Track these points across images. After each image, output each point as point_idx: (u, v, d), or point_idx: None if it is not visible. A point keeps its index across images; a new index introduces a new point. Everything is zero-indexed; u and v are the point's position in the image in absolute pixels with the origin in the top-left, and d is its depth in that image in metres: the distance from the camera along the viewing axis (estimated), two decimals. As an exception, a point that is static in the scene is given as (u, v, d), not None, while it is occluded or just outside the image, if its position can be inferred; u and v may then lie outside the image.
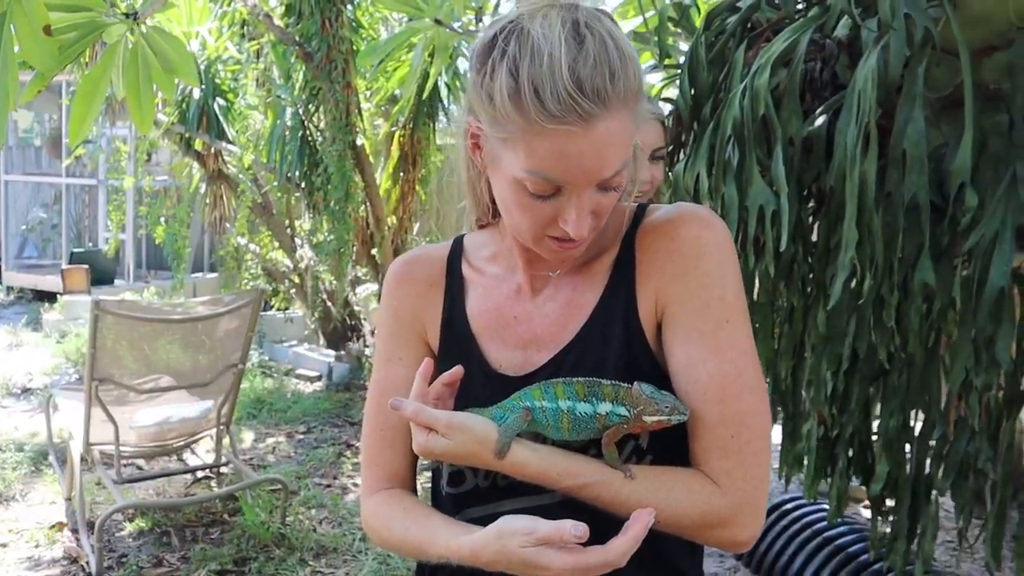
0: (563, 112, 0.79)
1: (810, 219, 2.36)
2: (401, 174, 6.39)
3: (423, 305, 1.04)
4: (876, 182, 1.92)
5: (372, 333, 6.85)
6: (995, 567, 2.05)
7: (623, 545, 0.80)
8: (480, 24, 4.19)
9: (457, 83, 6.08)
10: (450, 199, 8.35)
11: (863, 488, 2.38)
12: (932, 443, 2.09)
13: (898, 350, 1.99)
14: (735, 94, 2.15)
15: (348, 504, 3.83)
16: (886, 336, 1.99)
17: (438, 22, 3.83)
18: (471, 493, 0.97)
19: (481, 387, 0.96)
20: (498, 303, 1.01)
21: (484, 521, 0.88)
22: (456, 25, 3.93)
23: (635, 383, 0.87)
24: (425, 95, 5.54)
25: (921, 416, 2.15)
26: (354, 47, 5.32)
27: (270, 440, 4.79)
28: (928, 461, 2.13)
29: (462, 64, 6.03)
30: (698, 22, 2.70)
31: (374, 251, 6.28)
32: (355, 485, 4.13)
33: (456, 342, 1.01)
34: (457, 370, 0.93)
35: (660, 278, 0.94)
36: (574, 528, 0.78)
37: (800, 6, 2.38)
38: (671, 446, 0.92)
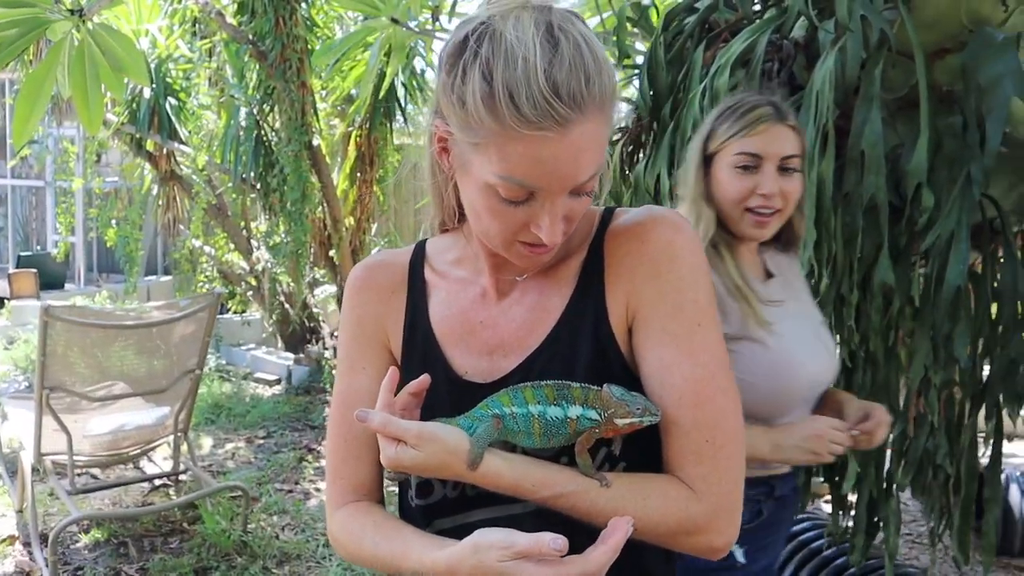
0: (539, 117, 0.77)
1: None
2: (358, 174, 6.32)
3: (385, 312, 1.02)
4: (834, 182, 1.94)
5: (332, 335, 6.77)
6: (963, 561, 2.08)
7: (602, 555, 0.79)
8: (437, 23, 4.14)
9: (414, 83, 6.04)
10: (408, 199, 8.30)
11: (824, 484, 2.41)
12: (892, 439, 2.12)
13: (859, 348, 2.02)
14: (695, 95, 2.16)
15: (311, 510, 3.78)
16: (848, 335, 2.01)
17: (395, 21, 3.78)
18: (440, 504, 0.94)
19: (446, 395, 0.94)
20: (463, 308, 0.99)
21: (455, 532, 0.87)
22: (413, 24, 3.89)
23: (605, 385, 0.86)
24: (382, 95, 5.49)
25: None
26: (309, 46, 5.24)
27: (229, 446, 4.71)
28: (888, 457, 2.16)
29: (419, 63, 5.99)
30: (656, 22, 2.70)
31: (332, 252, 6.20)
32: (317, 490, 4.07)
33: (419, 349, 0.99)
34: (424, 379, 0.90)
35: (631, 281, 0.93)
36: (553, 541, 0.77)
37: (757, 7, 2.40)
38: (644, 452, 0.91)
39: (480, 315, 0.98)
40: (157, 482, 3.92)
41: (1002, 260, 2.06)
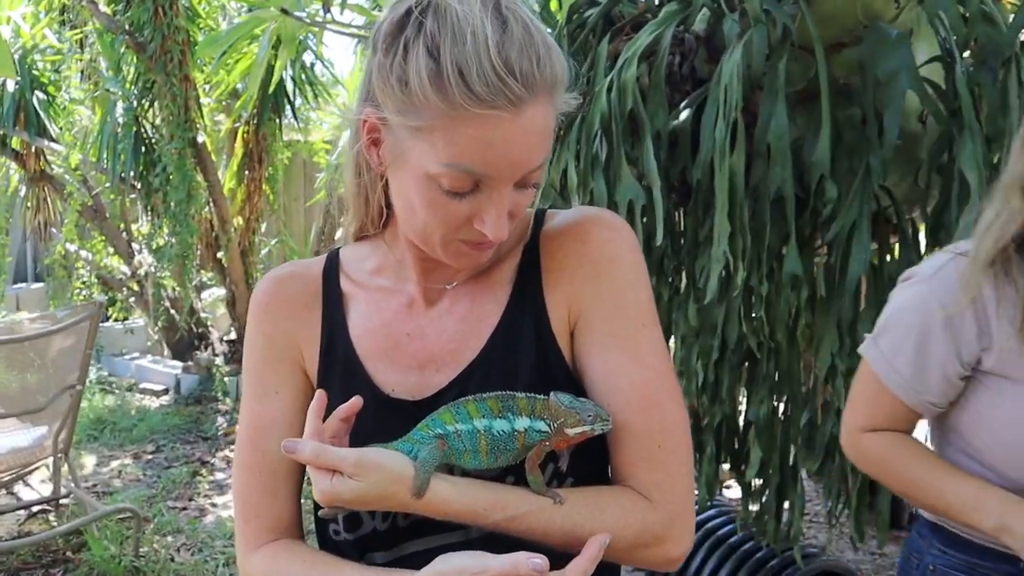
0: (491, 95, 0.72)
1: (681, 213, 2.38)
2: (246, 172, 6.07)
3: (298, 328, 0.93)
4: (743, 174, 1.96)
5: (221, 340, 6.49)
6: (859, 539, 2.15)
7: (581, 567, 0.75)
8: (328, 15, 4.00)
9: (303, 76, 5.84)
10: (298, 196, 8.05)
11: (729, 471, 2.45)
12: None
13: (767, 339, 2.04)
14: (602, 88, 2.14)
15: (207, 527, 3.59)
16: (756, 326, 2.03)
17: (284, 11, 3.63)
18: (371, 537, 0.87)
19: (372, 416, 0.86)
20: (386, 320, 0.91)
21: (392, 567, 0.80)
22: (302, 15, 3.74)
23: (552, 393, 0.81)
24: (271, 89, 5.27)
25: (785, 400, 2.23)
26: (191, 37, 4.98)
27: (115, 463, 4.43)
28: (794, 444, 2.21)
29: (308, 57, 5.80)
30: (560, 15, 2.67)
31: (220, 254, 5.95)
32: (213, 506, 3.88)
33: (338, 367, 0.91)
34: (355, 402, 0.82)
35: (571, 283, 0.88)
36: (530, 560, 0.72)
37: (658, 1, 2.40)
38: (591, 465, 0.87)
39: (406, 326, 0.91)
40: (36, 508, 3.64)
41: (898, 248, 2.12)
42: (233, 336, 6.51)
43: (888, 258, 2.14)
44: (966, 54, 2.06)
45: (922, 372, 1.15)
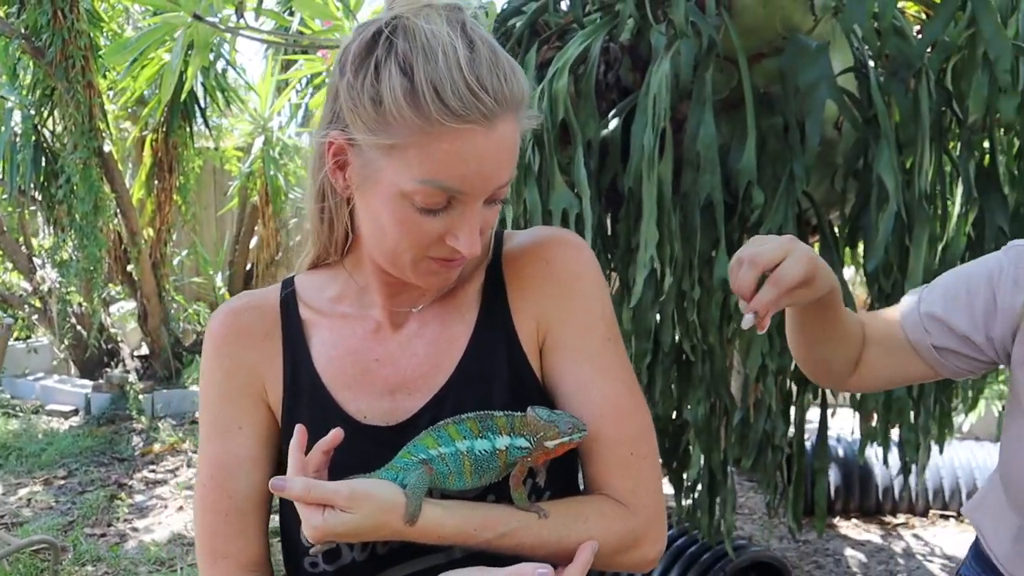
0: (465, 110, 0.73)
1: (608, 220, 2.42)
2: (156, 182, 5.88)
3: (259, 360, 0.91)
4: (671, 182, 2.01)
5: (132, 356, 6.25)
6: (797, 528, 2.23)
7: (575, 574, 0.78)
8: (241, 20, 3.90)
9: (214, 83, 5.68)
10: (208, 205, 7.82)
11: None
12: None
13: (700, 342, 2.10)
14: (532, 97, 2.16)
15: (130, 553, 3.45)
16: (689, 329, 2.08)
17: (197, 17, 3.52)
18: (349, 568, 0.85)
19: (346, 444, 0.84)
20: (352, 346, 0.90)
21: None
22: (215, 19, 3.64)
23: (529, 408, 0.82)
24: (183, 96, 5.11)
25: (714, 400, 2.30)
26: (93, 42, 4.78)
27: (23, 491, 4.20)
28: (727, 442, 2.28)
29: (219, 63, 5.64)
30: (487, 26, 2.68)
31: (130, 267, 5.73)
32: (134, 530, 3.72)
33: (305, 398, 0.89)
34: (336, 434, 0.81)
35: (538, 302, 0.90)
36: (536, 571, 0.74)
37: (588, 9, 2.43)
38: (564, 478, 0.89)
39: (375, 352, 0.90)
40: (-62, 542, 3.42)
41: (819, 249, 2.21)
42: (145, 351, 6.28)
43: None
44: (872, 64, 2.17)
45: (951, 300, 1.03)
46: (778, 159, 2.06)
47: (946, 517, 3.53)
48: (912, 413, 2.08)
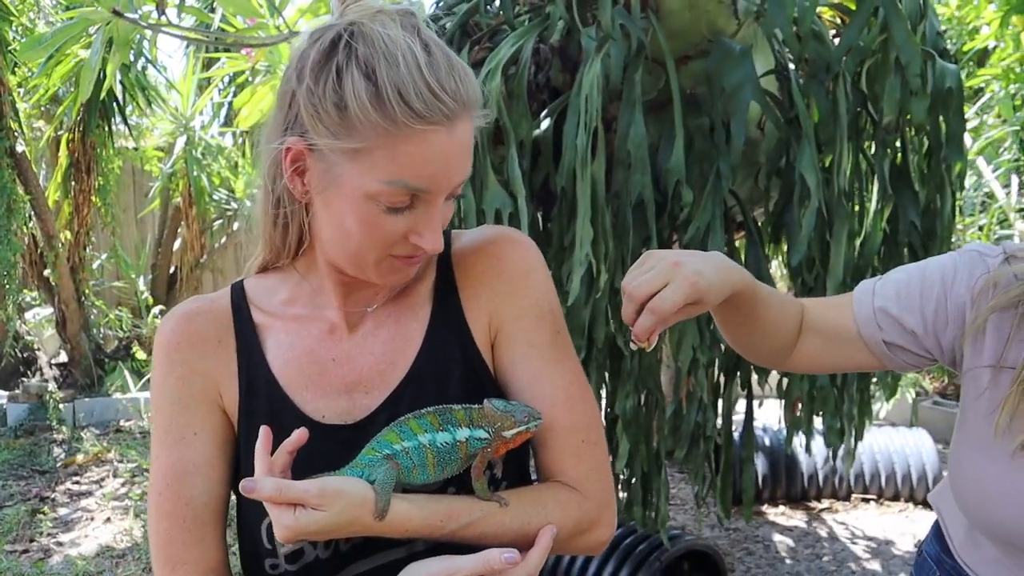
0: (429, 112, 0.76)
1: (540, 219, 2.45)
2: (73, 183, 5.67)
3: (213, 366, 0.91)
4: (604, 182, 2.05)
5: (51, 364, 6.03)
6: (726, 516, 2.30)
7: (537, 556, 0.81)
8: (163, 17, 3.80)
9: (134, 81, 5.51)
10: (128, 207, 7.59)
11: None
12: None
13: (626, 344, 2.15)
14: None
15: (55, 569, 3.33)
16: (622, 325, 2.13)
17: (117, 13, 3.42)
18: (312, 566, 0.86)
19: (308, 445, 0.84)
20: (308, 347, 0.91)
21: None
22: (135, 16, 3.54)
23: (485, 401, 0.85)
24: (103, 95, 4.94)
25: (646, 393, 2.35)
26: (3, 36, 4.59)
27: (-65, 508, 4.02)
28: (659, 434, 2.34)
29: (139, 61, 5.48)
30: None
31: (47, 272, 5.52)
32: (59, 544, 3.60)
33: (262, 400, 0.89)
34: (301, 434, 0.81)
35: (490, 299, 0.92)
36: (503, 554, 0.77)
37: (518, 11, 2.46)
38: (518, 470, 0.91)
39: (331, 352, 0.91)
40: None
41: (745, 245, 2.29)
42: (64, 359, 6.06)
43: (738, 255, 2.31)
44: (793, 67, 2.26)
45: (904, 299, 1.03)
46: (705, 158, 2.13)
47: (867, 500, 3.69)
48: (835, 401, 2.17)
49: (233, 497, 0.91)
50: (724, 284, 0.96)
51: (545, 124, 2.24)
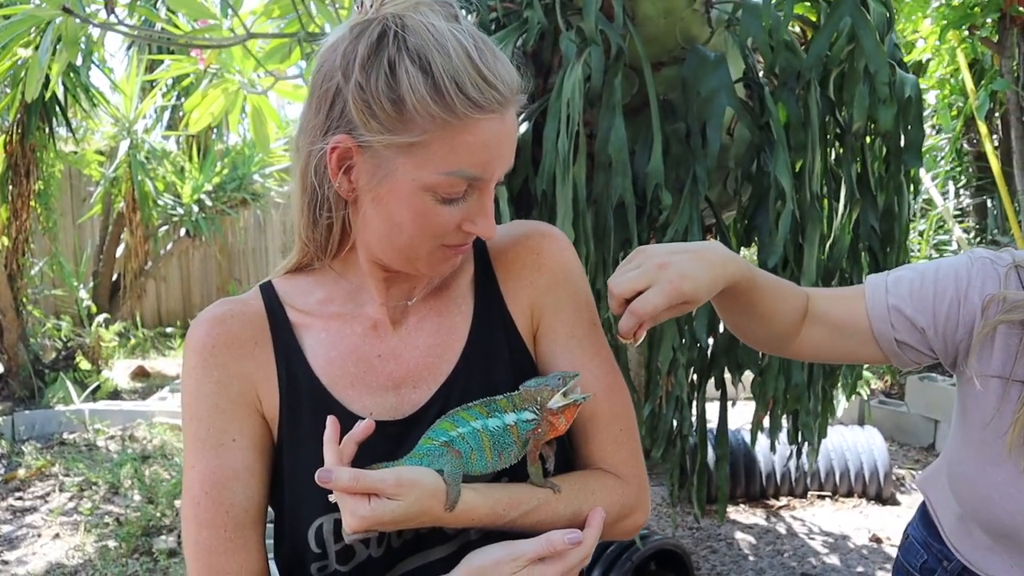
0: (485, 100, 0.77)
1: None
2: (11, 187, 5.46)
3: (252, 369, 0.89)
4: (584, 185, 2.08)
5: (-14, 376, 5.79)
6: (701, 514, 2.34)
7: (592, 538, 0.83)
8: (112, 16, 3.69)
9: (72, 78, 5.34)
10: (66, 212, 7.35)
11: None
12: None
13: (612, 338, 2.17)
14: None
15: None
16: (603, 327, 2.16)
17: (67, 11, 3.33)
18: (364, 566, 0.85)
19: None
20: (353, 345, 0.90)
21: None
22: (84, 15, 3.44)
23: (520, 386, 0.87)
24: (47, 96, 4.78)
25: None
26: (-61, 36, 4.40)
27: None
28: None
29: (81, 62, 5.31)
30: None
31: (-17, 279, 5.32)
32: (3, 563, 3.45)
33: (305, 401, 0.88)
34: (368, 424, 0.81)
35: (532, 291, 0.94)
36: (566, 536, 0.79)
37: (493, 16, 2.47)
38: (566, 464, 0.93)
39: (376, 349, 0.91)
40: None
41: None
42: (1, 370, 5.82)
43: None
44: (762, 74, 2.33)
45: (918, 300, 1.06)
46: (681, 162, 2.17)
47: (823, 497, 3.79)
48: (807, 400, 2.23)
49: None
50: (715, 281, 0.96)
51: (523, 128, 2.26)
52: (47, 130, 5.33)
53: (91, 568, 3.37)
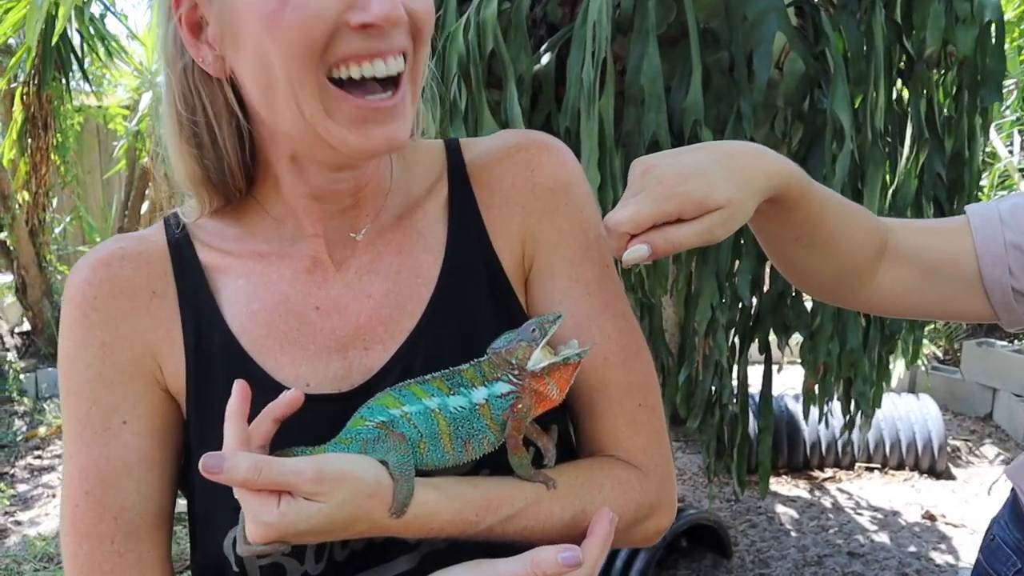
0: None
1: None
2: (29, 140, 5.34)
3: (147, 326, 0.68)
4: (613, 121, 1.84)
5: (12, 333, 5.74)
6: (741, 492, 2.12)
7: (596, 549, 0.62)
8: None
9: (91, 29, 5.17)
10: (93, 168, 7.26)
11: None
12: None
13: (646, 296, 1.95)
14: (457, 27, 1.94)
15: (12, 549, 3.11)
16: (634, 282, 1.93)
17: (67, -52, 3.14)
18: None
19: (288, 422, 0.63)
20: (281, 293, 0.69)
21: None
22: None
23: (488, 349, 0.64)
24: (53, 43, 4.61)
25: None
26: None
27: None
28: (671, 402, 2.15)
29: (96, 8, 5.14)
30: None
31: (3, 235, 5.21)
32: (17, 523, 3.37)
33: (220, 370, 0.67)
34: (294, 396, 0.61)
35: (523, 219, 0.72)
36: (560, 554, 0.58)
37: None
38: (565, 454, 0.70)
39: (313, 298, 0.69)
40: None
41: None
42: (27, 327, 5.77)
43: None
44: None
45: None
46: (723, 97, 1.92)
47: (871, 469, 3.55)
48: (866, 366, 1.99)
49: (182, 502, 0.69)
50: (767, 186, 0.68)
51: (546, 59, 2.02)
52: (63, 81, 5.17)
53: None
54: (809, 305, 2.04)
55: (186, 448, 0.69)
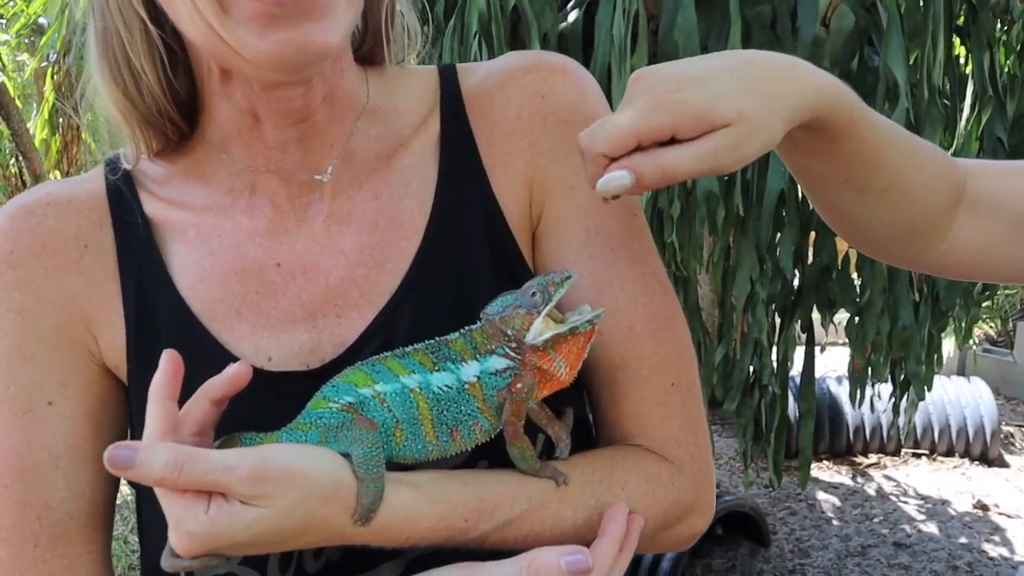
0: None
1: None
2: (61, 120, 5.33)
3: (79, 288, 0.57)
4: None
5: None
6: (778, 482, 2.00)
7: (608, 551, 0.51)
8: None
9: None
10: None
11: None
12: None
13: (680, 268, 1.82)
14: (478, -17, 1.82)
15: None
16: (667, 252, 1.81)
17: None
18: None
19: (243, 402, 0.52)
20: (238, 248, 0.58)
21: None
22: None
23: (481, 314, 0.52)
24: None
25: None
26: (-24, -42, 4.23)
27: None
28: (707, 384, 2.03)
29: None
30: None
31: (37, 214, 5.24)
32: None
33: (166, 340, 0.56)
34: (239, 371, 0.49)
35: (531, 157, 0.60)
36: (562, 557, 0.48)
37: None
38: (578, 445, 0.58)
39: (274, 254, 0.58)
40: None
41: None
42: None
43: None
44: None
45: None
46: (766, 53, 1.78)
47: (918, 456, 3.39)
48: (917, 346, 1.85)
49: (131, 495, 0.59)
50: (774, 113, 0.52)
51: (573, 16, 1.90)
52: (94, 58, 5.16)
53: (126, 508, 3.24)
54: (856, 280, 1.90)
55: (128, 434, 0.59)
